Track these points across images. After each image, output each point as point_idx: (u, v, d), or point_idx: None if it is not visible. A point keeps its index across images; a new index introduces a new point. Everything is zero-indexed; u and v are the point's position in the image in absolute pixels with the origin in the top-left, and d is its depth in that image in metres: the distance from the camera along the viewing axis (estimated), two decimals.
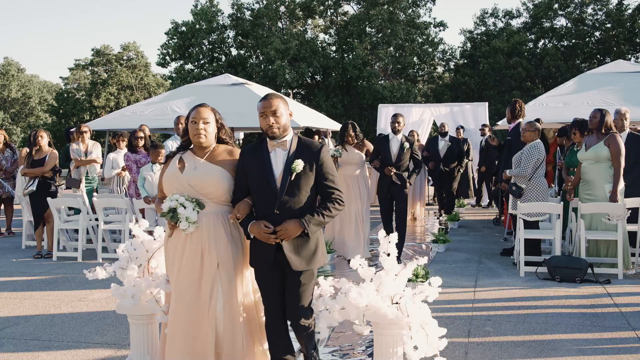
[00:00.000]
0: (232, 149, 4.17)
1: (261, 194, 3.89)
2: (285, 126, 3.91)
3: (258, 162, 3.91)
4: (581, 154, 7.99)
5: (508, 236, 10.64)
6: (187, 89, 15.16)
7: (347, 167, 8.91)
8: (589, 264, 7.42)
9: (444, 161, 12.99)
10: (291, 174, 3.83)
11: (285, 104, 3.95)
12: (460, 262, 8.71)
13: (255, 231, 3.82)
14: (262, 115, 3.87)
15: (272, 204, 3.84)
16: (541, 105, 12.29)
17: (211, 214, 4.01)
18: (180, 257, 4.02)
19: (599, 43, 34.16)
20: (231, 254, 4.00)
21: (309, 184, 3.88)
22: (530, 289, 7.07)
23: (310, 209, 3.86)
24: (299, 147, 3.93)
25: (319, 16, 35.81)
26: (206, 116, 4.04)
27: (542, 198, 8.19)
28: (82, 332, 5.70)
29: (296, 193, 3.84)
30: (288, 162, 3.86)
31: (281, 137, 3.91)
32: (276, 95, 3.96)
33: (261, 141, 4.02)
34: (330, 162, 3.97)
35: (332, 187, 3.92)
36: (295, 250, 3.88)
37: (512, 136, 9.11)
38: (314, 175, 3.88)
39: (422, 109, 17.89)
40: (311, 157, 3.88)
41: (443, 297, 6.50)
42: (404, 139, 8.60)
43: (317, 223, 3.86)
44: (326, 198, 3.93)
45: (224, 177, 4.01)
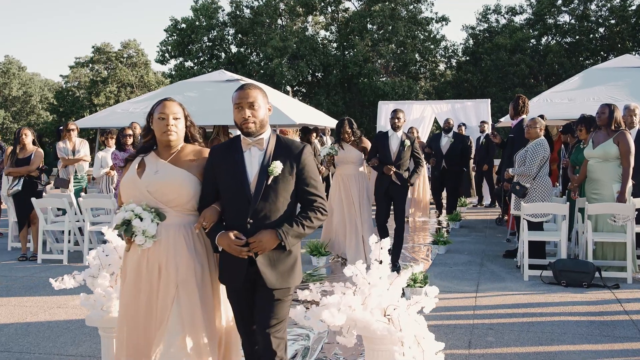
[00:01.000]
0: (201, 149, 3.67)
1: (232, 199, 3.41)
2: (262, 122, 3.41)
3: (229, 162, 3.43)
4: (588, 151, 7.60)
5: (511, 237, 10.26)
6: (182, 86, 14.77)
7: (344, 166, 8.46)
8: (597, 267, 7.04)
9: (446, 158, 12.46)
10: (268, 177, 3.35)
11: (265, 96, 3.49)
12: (461, 265, 8.34)
13: (225, 243, 3.33)
14: (237, 107, 3.39)
15: (244, 211, 3.36)
16: (545, 101, 11.87)
17: (173, 225, 3.49)
18: (137, 276, 3.52)
19: (603, 39, 33.75)
20: (194, 272, 3.47)
21: (288, 190, 3.41)
22: (535, 295, 6.70)
23: (289, 219, 3.39)
24: (277, 146, 3.45)
25: (319, 13, 35.43)
26: (176, 111, 3.57)
27: (547, 198, 7.82)
28: (56, 343, 5.35)
29: (273, 199, 3.37)
30: (264, 164, 3.38)
31: (257, 134, 3.41)
32: (254, 85, 3.49)
33: (234, 138, 3.54)
34: (313, 165, 3.51)
35: (314, 194, 3.46)
36: (271, 264, 3.40)
37: (515, 133, 8.73)
38: (294, 180, 3.42)
39: (423, 105, 17.49)
40: (291, 158, 3.41)
41: (443, 304, 6.16)
42: (404, 137, 8.10)
43: (296, 234, 3.38)
44: (307, 206, 3.46)
45: (188, 182, 3.50)
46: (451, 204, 12.64)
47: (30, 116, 53.46)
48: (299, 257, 3.55)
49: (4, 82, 51.77)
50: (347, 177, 8.42)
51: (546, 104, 11.63)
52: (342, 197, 8.40)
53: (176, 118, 3.57)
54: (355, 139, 8.43)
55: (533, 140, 7.91)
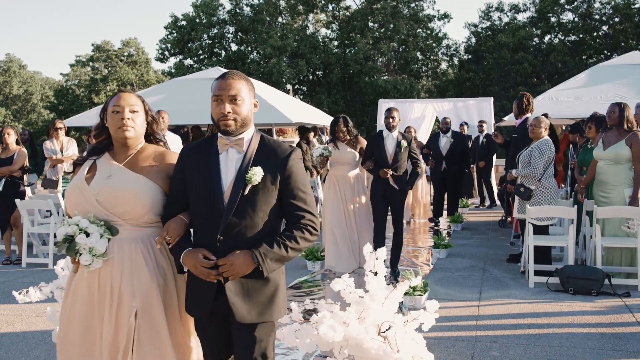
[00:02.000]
0: (164, 152, 3.16)
1: (201, 210, 2.86)
2: (245, 119, 2.85)
3: (201, 165, 2.88)
4: (598, 152, 7.22)
5: (515, 240, 9.89)
6: (176, 83, 14.45)
7: (339, 168, 7.95)
8: (606, 274, 6.68)
9: (446, 159, 11.76)
10: (245, 185, 2.78)
11: (251, 88, 2.92)
12: (463, 270, 7.98)
13: (190, 263, 2.78)
14: (216, 100, 2.82)
15: (214, 226, 2.78)
16: (550, 99, 11.48)
17: (128, 241, 2.96)
18: (86, 306, 2.96)
19: (606, 38, 33.35)
20: (157, 296, 2.94)
21: (270, 202, 2.83)
22: (541, 303, 6.33)
23: (269, 238, 2.80)
24: (260, 149, 2.88)
25: (320, 11, 35.08)
26: (133, 102, 3.05)
27: (553, 200, 7.45)
28: (29, 357, 5.00)
29: (250, 213, 2.79)
30: (242, 169, 2.81)
31: (237, 134, 2.85)
32: (239, 75, 2.90)
33: (210, 138, 2.99)
34: (301, 174, 2.91)
35: (302, 209, 2.86)
36: (243, 294, 2.81)
37: (519, 133, 8.36)
38: (278, 191, 2.84)
39: (424, 104, 17.08)
40: (276, 164, 2.83)
41: (443, 313, 5.79)
42: (400, 136, 7.61)
43: (277, 258, 2.77)
44: (293, 223, 2.86)
45: (146, 190, 2.97)
46: (452, 206, 12.10)
47: (31, 114, 53.21)
48: (281, 285, 2.92)
49: (5, 80, 51.53)
50: (342, 180, 7.93)
51: (551, 102, 11.24)
52: (336, 200, 7.92)
53: (133, 111, 3.05)
54: (351, 138, 7.93)
55: (537, 140, 7.54)
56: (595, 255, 6.96)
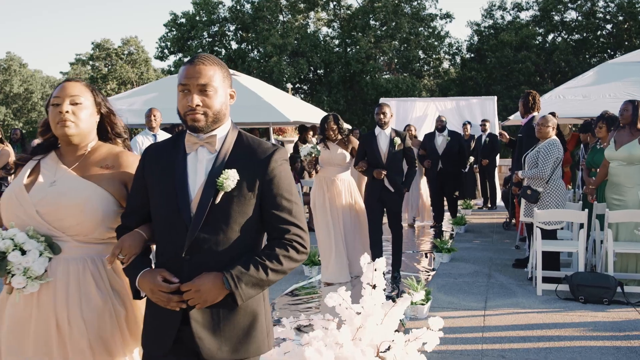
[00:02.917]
0: (120, 153, 2.69)
1: (164, 223, 2.36)
2: (218, 113, 2.35)
3: (165, 168, 2.39)
4: (610, 152, 6.86)
5: (521, 243, 9.54)
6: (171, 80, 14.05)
7: (329, 169, 7.37)
8: (619, 281, 6.32)
9: (442, 159, 11.10)
10: (216, 192, 2.30)
11: (226, 76, 2.42)
12: (468, 276, 7.63)
13: (147, 287, 2.29)
14: (183, 90, 2.33)
15: (179, 241, 2.30)
16: (558, 97, 11.11)
17: (74, 260, 2.51)
18: (20, 337, 2.47)
19: (610, 36, 32.97)
20: (111, 328, 2.49)
21: (247, 213, 2.33)
22: (551, 313, 5.97)
23: (246, 257, 2.31)
24: (237, 149, 2.39)
25: (321, 9, 34.74)
26: (76, 93, 2.57)
27: (561, 203, 7.10)
28: None
29: (222, 227, 2.30)
30: (214, 173, 2.33)
31: (209, 130, 2.37)
32: (211, 60, 2.38)
33: (177, 136, 2.50)
34: (287, 178, 2.41)
35: (287, 221, 2.36)
36: (213, 325, 2.32)
37: (524, 132, 8.01)
38: (258, 199, 2.35)
39: (426, 103, 16.72)
40: (255, 166, 2.35)
41: (448, 324, 5.45)
42: (393, 134, 7.19)
43: (255, 282, 2.28)
44: (276, 239, 2.36)
45: (96, 200, 2.52)
46: (453, 208, 11.57)
47: (31, 113, 52.97)
48: (261, 314, 2.42)
49: (5, 79, 51.29)
50: (333, 182, 7.34)
51: (559, 101, 10.88)
52: (325, 204, 7.32)
53: (76, 103, 2.56)
54: (342, 137, 7.38)
55: (545, 140, 7.19)
56: (606, 262, 6.61)
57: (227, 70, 2.45)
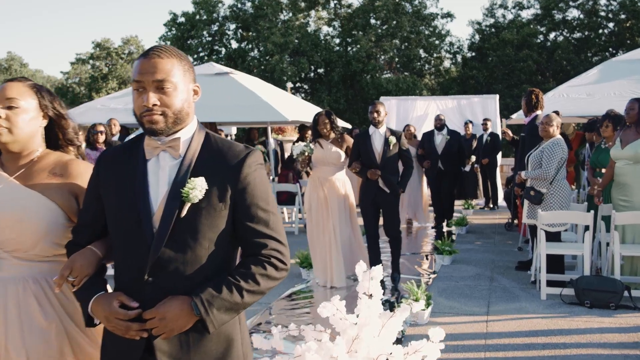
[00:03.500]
0: (69, 160, 2.42)
1: (123, 239, 2.08)
2: (179, 112, 2.05)
3: (122, 177, 2.10)
4: (616, 152, 6.65)
5: (524, 245, 9.34)
6: None
7: (322, 169, 7.03)
8: (626, 285, 6.12)
9: (442, 158, 10.84)
10: (182, 204, 2.01)
11: (187, 69, 2.11)
12: (469, 279, 7.43)
13: (102, 314, 2.01)
14: (137, 88, 2.03)
15: (140, 261, 2.02)
16: (561, 96, 10.88)
17: (12, 281, 2.25)
18: None
19: (612, 35, 32.77)
20: (57, 355, 2.23)
21: (218, 227, 2.05)
22: (556, 319, 5.77)
23: (218, 278, 2.04)
24: (204, 153, 2.10)
25: (322, 7, 34.56)
26: (13, 95, 2.30)
27: (565, 204, 6.90)
28: None
29: (189, 243, 2.02)
30: (178, 181, 2.04)
31: (171, 133, 2.07)
32: (168, 51, 2.06)
33: (136, 139, 2.20)
34: (262, 185, 2.12)
35: (264, 235, 2.09)
36: (180, 356, 2.04)
37: (528, 131, 7.80)
38: (230, 210, 2.07)
39: (427, 102, 16.50)
40: (225, 172, 2.06)
41: (449, 329, 5.27)
42: (388, 133, 6.92)
43: (228, 307, 2.01)
44: (252, 255, 2.09)
45: (38, 210, 2.26)
46: (449, 209, 11.13)
47: None
48: (237, 339, 2.16)
49: (6, 78, 51.20)
50: (327, 182, 7.01)
51: (562, 99, 10.66)
52: (320, 205, 7.03)
53: (11, 107, 2.28)
54: (336, 135, 7.06)
55: (549, 140, 6.98)
56: (613, 265, 6.40)
57: (188, 62, 2.14)
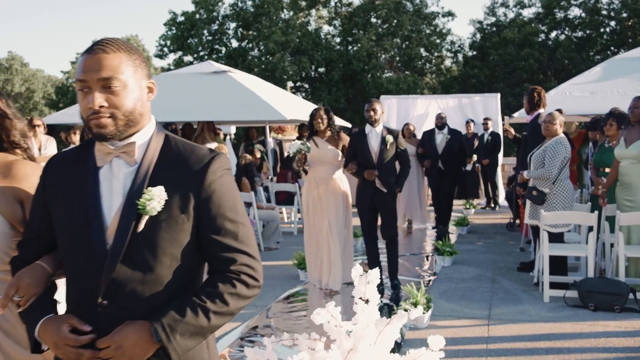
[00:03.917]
0: (13, 161, 2.26)
1: (74, 258, 1.85)
2: (132, 113, 1.82)
3: (71, 186, 1.87)
4: (620, 151, 6.51)
5: (526, 245, 9.19)
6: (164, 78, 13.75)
7: (318, 168, 6.83)
8: (631, 288, 5.98)
9: (442, 158, 10.59)
10: (139, 217, 1.78)
11: (138, 64, 1.86)
12: (470, 281, 7.29)
13: (50, 339, 1.79)
14: (82, 88, 1.80)
15: (93, 282, 1.79)
16: (564, 94, 10.72)
17: None
18: None
19: (614, 34, 32.60)
20: None
21: (180, 241, 1.83)
22: (560, 322, 5.62)
23: (181, 299, 1.82)
24: (164, 158, 1.87)
25: (322, 6, 34.41)
26: None
27: (568, 205, 6.75)
28: None
29: (148, 261, 1.80)
30: (134, 191, 1.81)
31: (124, 137, 1.84)
32: (115, 45, 1.82)
33: (86, 144, 1.96)
34: (230, 193, 1.90)
35: (232, 249, 1.87)
36: None
37: (530, 130, 7.65)
38: (193, 222, 1.84)
39: (427, 100, 16.34)
40: (188, 180, 1.84)
41: (449, 333, 5.14)
42: (385, 132, 6.74)
43: (193, 331, 1.79)
44: (220, 272, 1.88)
45: None
46: (446, 211, 10.82)
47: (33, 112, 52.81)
48: None
49: (7, 78, 51.15)
50: (323, 183, 6.80)
51: (565, 98, 10.50)
52: (317, 205, 6.84)
53: None
54: (333, 133, 6.85)
55: (552, 139, 6.84)
56: (617, 267, 6.27)
57: (139, 55, 1.87)
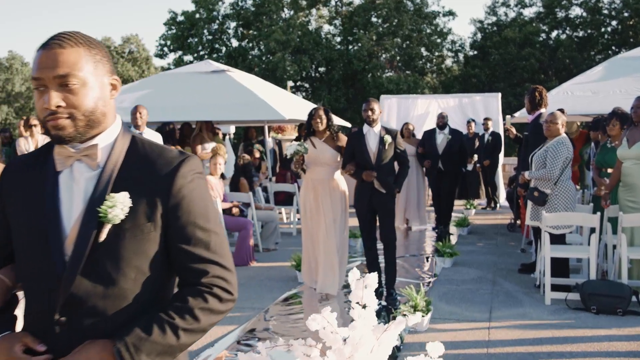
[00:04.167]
0: None
1: (30, 270, 1.70)
2: (92, 113, 1.67)
3: (29, 194, 1.73)
4: (623, 151, 6.41)
5: (527, 247, 9.09)
6: (162, 77, 13.68)
7: (315, 169, 6.68)
8: (634, 290, 5.88)
9: (442, 158, 10.46)
10: (100, 226, 1.63)
11: (98, 59, 1.70)
12: (471, 283, 7.19)
13: (3, 359, 1.66)
14: (38, 87, 1.65)
15: (50, 296, 1.65)
16: (565, 94, 10.62)
17: None
18: None
19: (615, 33, 32.50)
20: None
21: (147, 252, 1.68)
22: (561, 326, 5.51)
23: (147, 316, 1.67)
24: (129, 161, 1.72)
25: (323, 6, 34.31)
26: None
27: (570, 206, 6.65)
28: None
29: (111, 274, 1.65)
30: (96, 197, 1.65)
31: (85, 139, 1.69)
32: (73, 39, 1.66)
33: (45, 147, 1.81)
34: (201, 198, 1.74)
35: (204, 259, 1.71)
36: None
37: (531, 130, 7.55)
38: (161, 231, 1.69)
39: (428, 100, 16.25)
40: (155, 185, 1.69)
41: (449, 337, 5.06)
42: (383, 132, 6.57)
43: (162, 350, 1.64)
44: (190, 285, 1.72)
45: None
46: (447, 212, 10.67)
47: (33, 112, 52.71)
48: None
49: (7, 77, 51.03)
50: (321, 184, 6.65)
51: (567, 97, 10.40)
52: (315, 208, 6.69)
53: None
54: (332, 134, 6.69)
55: (553, 139, 6.74)
56: (620, 269, 6.17)
57: (100, 49, 1.71)
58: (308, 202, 6.75)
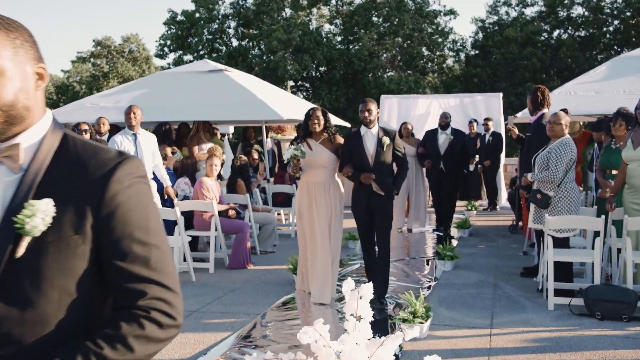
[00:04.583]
0: None
1: None
2: (12, 107, 1.44)
3: None
4: (628, 153, 6.25)
5: (529, 249, 8.93)
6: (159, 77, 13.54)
7: (311, 172, 6.44)
8: (639, 296, 5.72)
9: (444, 159, 10.28)
10: (17, 239, 1.39)
11: (19, 44, 1.47)
12: (472, 287, 7.03)
13: None
14: None
15: None
16: (568, 94, 10.45)
17: None
18: None
19: (617, 32, 32.33)
20: None
21: (72, 270, 1.43)
22: (565, 332, 5.36)
23: (72, 345, 1.42)
24: (58, 163, 1.48)
25: (323, 5, 34.16)
26: None
27: (574, 208, 6.49)
28: None
29: (30, 296, 1.40)
30: (16, 204, 1.41)
31: (4, 136, 1.47)
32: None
33: None
34: (141, 206, 1.50)
35: (142, 278, 1.47)
36: None
37: (534, 131, 7.40)
38: (91, 245, 1.45)
39: (429, 100, 16.07)
40: (85, 191, 1.44)
41: (449, 345, 4.90)
42: (381, 133, 6.37)
43: None
44: (124, 308, 1.48)
45: None
46: (448, 213, 10.52)
47: None
48: None
49: None
50: (317, 187, 6.40)
51: (569, 97, 10.24)
52: (310, 212, 6.43)
53: None
54: (329, 135, 6.44)
55: (557, 140, 6.58)
56: (625, 273, 6.01)
57: (21, 34, 1.49)
58: (302, 207, 6.53)
